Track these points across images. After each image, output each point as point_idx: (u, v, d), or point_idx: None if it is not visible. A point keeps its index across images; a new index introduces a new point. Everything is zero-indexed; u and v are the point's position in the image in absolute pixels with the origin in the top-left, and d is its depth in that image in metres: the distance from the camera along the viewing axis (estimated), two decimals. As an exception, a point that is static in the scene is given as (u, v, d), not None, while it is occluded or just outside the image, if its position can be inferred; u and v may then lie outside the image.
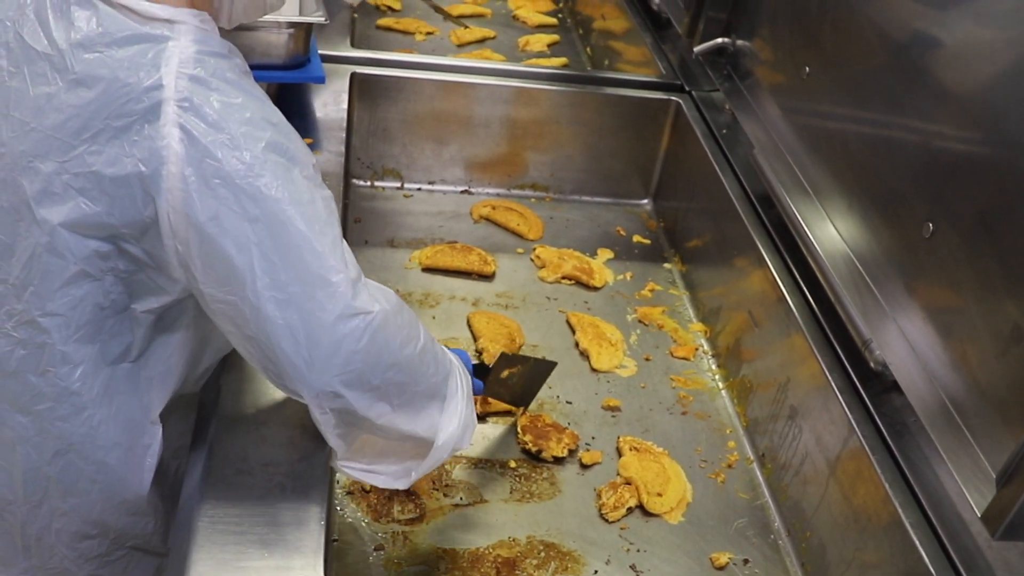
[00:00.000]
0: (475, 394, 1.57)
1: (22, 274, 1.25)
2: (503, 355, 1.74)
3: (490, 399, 1.82)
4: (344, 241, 1.28)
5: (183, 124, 1.17)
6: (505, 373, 1.75)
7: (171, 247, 1.22)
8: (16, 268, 1.25)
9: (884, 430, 1.57)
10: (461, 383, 1.46)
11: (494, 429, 1.83)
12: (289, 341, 1.22)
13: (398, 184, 2.47)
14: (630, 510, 1.71)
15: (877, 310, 1.64)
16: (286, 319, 1.21)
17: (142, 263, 1.27)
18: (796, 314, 1.82)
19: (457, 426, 1.42)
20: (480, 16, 3.40)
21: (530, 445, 1.77)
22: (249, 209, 1.18)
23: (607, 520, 1.69)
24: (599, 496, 1.72)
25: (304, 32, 2.10)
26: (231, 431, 1.45)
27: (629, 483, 1.74)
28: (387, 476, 1.44)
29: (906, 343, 1.55)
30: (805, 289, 1.86)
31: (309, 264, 1.21)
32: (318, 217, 1.23)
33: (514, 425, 1.83)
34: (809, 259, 1.85)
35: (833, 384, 1.66)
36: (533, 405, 1.87)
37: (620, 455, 1.80)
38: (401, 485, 1.44)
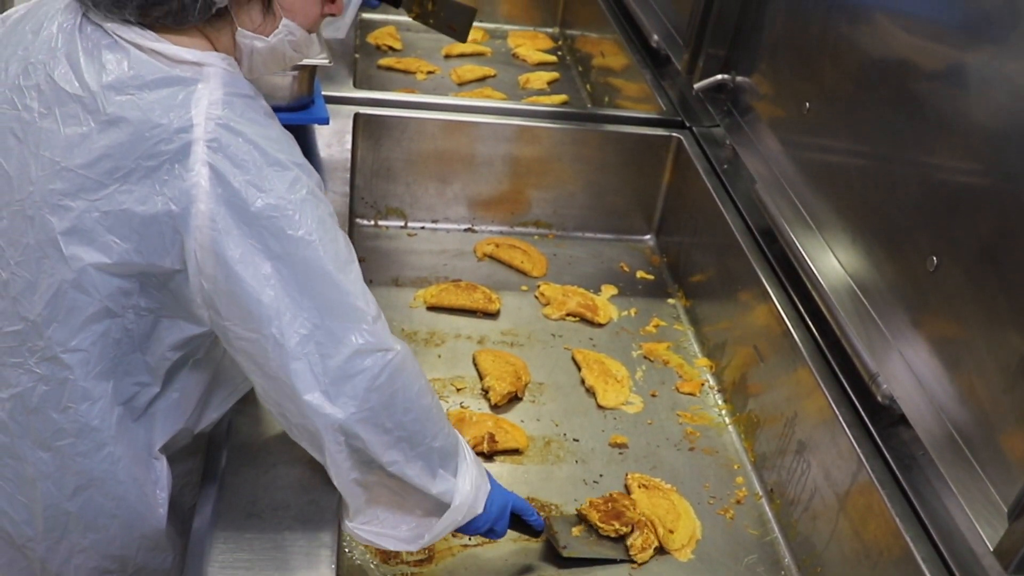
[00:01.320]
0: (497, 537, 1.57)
1: (45, 311, 1.26)
2: None
3: (497, 439, 1.82)
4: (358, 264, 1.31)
5: (212, 164, 1.20)
6: None
7: (196, 284, 1.24)
8: (39, 305, 1.27)
9: (893, 464, 1.56)
10: (468, 449, 1.48)
11: (501, 468, 1.82)
12: (308, 375, 1.24)
13: (402, 223, 2.48)
14: (657, 550, 1.70)
15: (883, 344, 1.64)
16: (307, 354, 1.23)
17: (163, 301, 1.29)
18: (801, 348, 1.82)
19: (471, 488, 1.43)
20: (480, 55, 3.43)
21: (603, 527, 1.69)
22: (273, 247, 1.21)
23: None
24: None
25: (308, 74, 2.12)
26: (241, 471, 1.44)
27: (651, 523, 1.72)
28: (398, 540, 1.44)
29: (913, 376, 1.55)
30: (810, 323, 1.87)
31: (332, 300, 1.24)
32: (340, 254, 1.26)
33: (520, 465, 1.83)
34: (813, 293, 1.86)
35: (841, 418, 1.66)
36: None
37: (629, 492, 1.80)
38: (413, 547, 1.44)
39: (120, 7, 1.24)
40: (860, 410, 1.66)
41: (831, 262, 1.84)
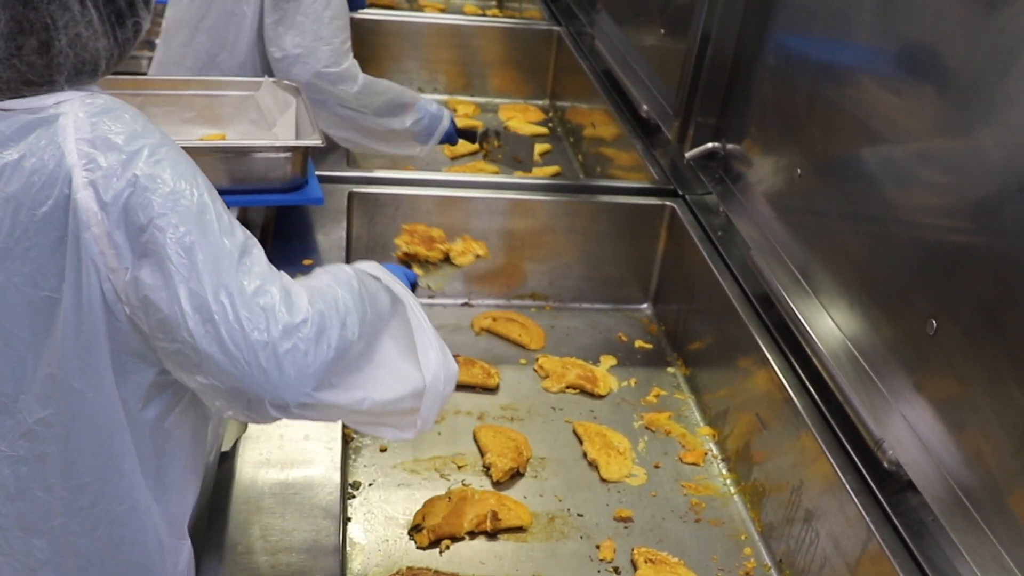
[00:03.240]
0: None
1: (11, 384, 1.25)
2: None
3: (500, 517, 1.80)
4: (260, 250, 1.28)
5: (92, 183, 1.18)
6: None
7: (120, 310, 1.22)
8: (6, 380, 1.25)
9: (903, 531, 1.54)
10: (416, 313, 1.46)
11: (505, 547, 1.79)
12: (237, 374, 1.21)
13: (398, 299, 2.47)
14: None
15: (886, 408, 1.63)
16: (227, 353, 1.20)
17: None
18: (804, 415, 1.81)
19: (437, 354, 1.42)
20: (472, 129, 3.45)
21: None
22: (170, 249, 1.19)
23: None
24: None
25: (301, 155, 2.13)
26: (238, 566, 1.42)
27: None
28: (395, 429, 1.42)
29: (918, 441, 1.53)
30: (811, 389, 1.85)
31: (234, 295, 1.21)
32: (236, 243, 1.24)
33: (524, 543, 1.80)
34: (813, 358, 1.85)
35: (847, 486, 1.64)
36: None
37: (635, 568, 1.77)
38: (409, 435, 1.43)
39: (93, 76, 1.26)
40: (867, 477, 1.64)
41: (829, 327, 1.83)
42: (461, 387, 2.18)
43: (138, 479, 1.33)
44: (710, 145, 2.38)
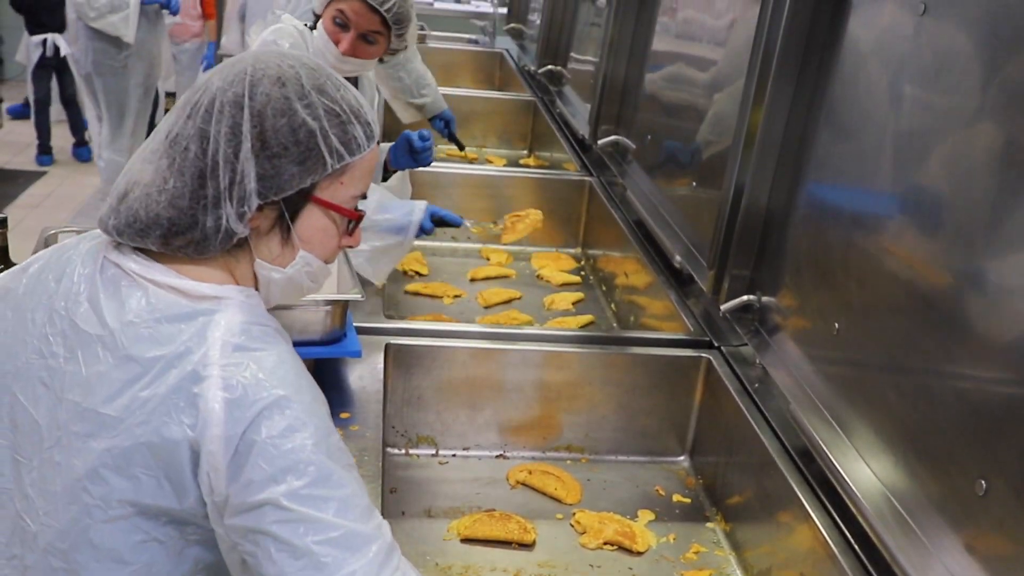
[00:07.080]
0: None
1: (81, 557, 1.26)
2: None
3: None
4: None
5: (227, 385, 1.22)
6: None
7: (210, 503, 1.24)
8: (72, 552, 1.26)
9: None
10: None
11: None
12: None
13: (433, 451, 2.46)
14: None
15: (936, 570, 1.58)
16: None
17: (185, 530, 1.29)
18: (851, 575, 1.76)
19: None
20: (505, 277, 3.50)
21: None
22: (280, 473, 1.21)
23: None
24: None
25: (340, 309, 2.16)
26: None
27: None
28: None
29: (974, 607, 1.49)
30: (857, 548, 1.81)
31: (340, 528, 1.21)
32: (353, 480, 1.26)
33: None
34: (857, 515, 1.81)
35: (902, 653, 1.58)
36: None
37: None
38: None
39: (143, 236, 1.29)
40: (921, 643, 1.59)
41: (873, 483, 1.80)
42: (496, 543, 2.14)
43: None
44: (745, 298, 2.39)
